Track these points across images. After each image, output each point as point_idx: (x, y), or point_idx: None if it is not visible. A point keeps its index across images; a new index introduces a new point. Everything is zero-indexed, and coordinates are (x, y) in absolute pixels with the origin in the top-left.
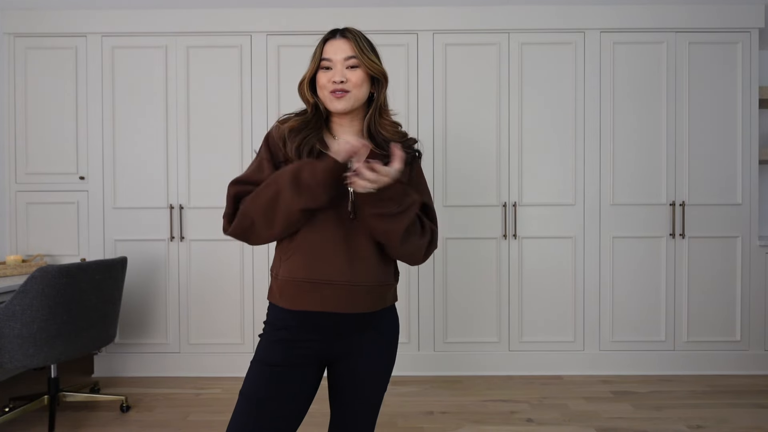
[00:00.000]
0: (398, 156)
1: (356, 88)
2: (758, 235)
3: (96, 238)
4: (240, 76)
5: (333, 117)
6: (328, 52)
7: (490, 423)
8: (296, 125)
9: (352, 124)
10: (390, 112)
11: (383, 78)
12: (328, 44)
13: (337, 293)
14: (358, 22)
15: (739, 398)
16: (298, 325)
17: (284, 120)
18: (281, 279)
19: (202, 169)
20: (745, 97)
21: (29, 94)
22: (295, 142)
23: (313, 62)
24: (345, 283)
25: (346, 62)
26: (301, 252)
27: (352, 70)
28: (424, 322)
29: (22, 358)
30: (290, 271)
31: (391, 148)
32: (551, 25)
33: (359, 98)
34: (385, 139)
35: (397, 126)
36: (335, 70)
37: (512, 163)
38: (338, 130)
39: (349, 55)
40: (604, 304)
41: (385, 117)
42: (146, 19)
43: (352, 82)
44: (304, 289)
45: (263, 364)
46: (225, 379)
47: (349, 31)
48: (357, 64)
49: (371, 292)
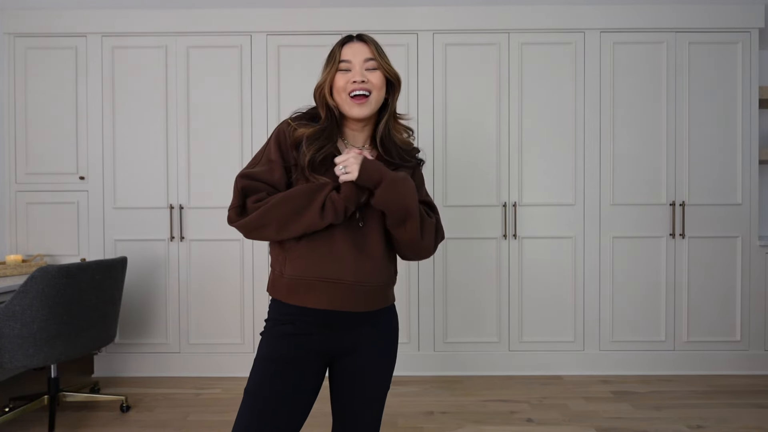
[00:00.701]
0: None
1: (377, 89)
2: (758, 235)
3: (96, 238)
4: (240, 76)
5: (346, 122)
6: (347, 54)
7: (490, 423)
8: (313, 134)
9: (363, 130)
10: (402, 117)
11: (398, 82)
12: (346, 47)
13: (347, 292)
14: (358, 22)
15: (739, 398)
16: (303, 319)
17: (296, 119)
18: (288, 277)
19: (202, 169)
20: (745, 97)
21: (29, 94)
22: (311, 151)
23: (330, 66)
24: (354, 282)
25: (365, 64)
26: (311, 251)
27: (371, 72)
28: (424, 322)
29: (22, 358)
30: (300, 269)
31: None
32: (551, 25)
33: (378, 101)
34: (395, 144)
35: (410, 131)
36: (354, 71)
37: (512, 163)
38: (350, 135)
39: (368, 57)
40: (604, 304)
41: (398, 122)
42: (146, 19)
43: (373, 83)
44: (314, 287)
45: (267, 360)
46: (225, 379)
47: (365, 35)
48: (376, 66)
49: (376, 291)
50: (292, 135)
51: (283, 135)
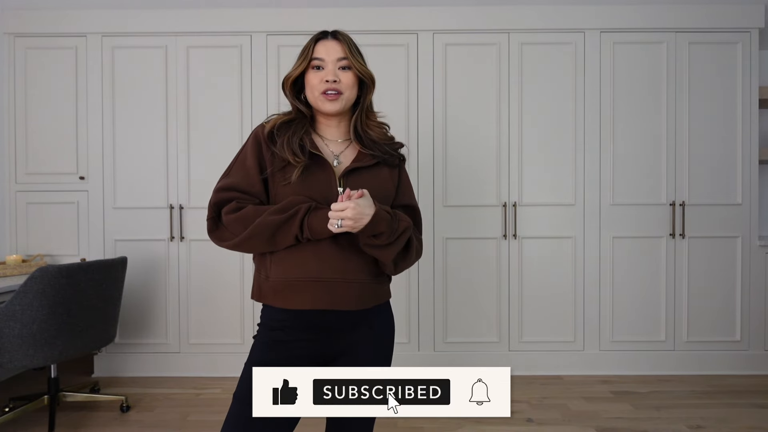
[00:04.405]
0: (348, 197)
1: (348, 89)
2: (758, 235)
3: (96, 238)
4: (240, 76)
5: (320, 118)
6: (320, 51)
7: (490, 423)
8: (284, 120)
9: (339, 126)
10: (376, 114)
11: (371, 81)
12: (319, 44)
13: (331, 290)
14: (358, 22)
15: (739, 398)
16: (294, 324)
17: (269, 120)
18: (273, 279)
19: (202, 169)
20: (745, 97)
21: (29, 95)
22: (284, 137)
23: (302, 60)
24: (339, 279)
25: (338, 63)
26: (295, 252)
27: (343, 71)
28: (424, 322)
29: (22, 358)
30: (283, 271)
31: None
32: (551, 25)
33: (350, 99)
34: (372, 139)
35: (384, 127)
36: (327, 70)
37: (512, 162)
38: (326, 131)
39: (341, 57)
40: (604, 304)
41: (371, 118)
42: (146, 19)
43: (345, 83)
44: (299, 288)
45: (257, 365)
46: (225, 379)
47: (339, 33)
48: (348, 65)
49: (364, 288)
50: (266, 129)
51: (260, 133)
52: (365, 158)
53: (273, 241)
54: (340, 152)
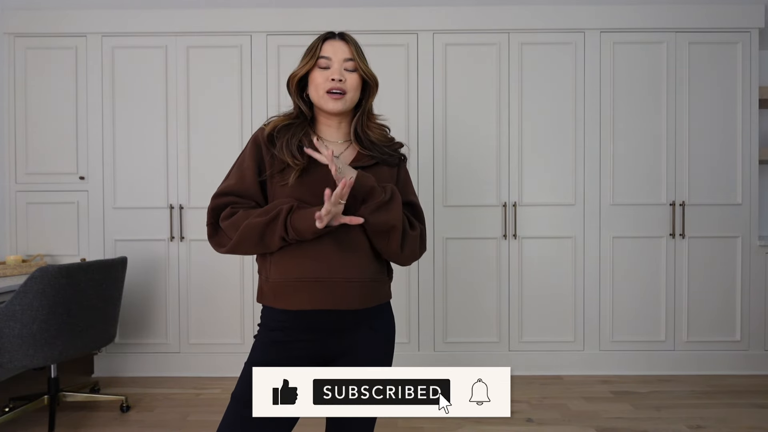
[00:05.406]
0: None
1: (353, 90)
2: (758, 235)
3: (96, 238)
4: (240, 76)
5: (321, 118)
6: (327, 51)
7: (490, 423)
8: (284, 121)
9: (339, 127)
10: (377, 117)
11: (375, 85)
12: (327, 43)
13: (331, 290)
14: (358, 22)
15: (739, 398)
16: (293, 325)
17: (269, 122)
18: (273, 280)
19: (202, 169)
20: (745, 97)
21: (29, 95)
22: (283, 139)
23: (309, 59)
24: (338, 279)
25: (344, 63)
26: (294, 252)
27: (349, 72)
28: (424, 322)
29: (22, 358)
30: (283, 271)
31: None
32: (551, 25)
33: (353, 101)
34: (371, 140)
35: (384, 129)
36: (333, 69)
37: (512, 162)
38: (326, 132)
39: (348, 58)
40: (604, 304)
41: (372, 120)
42: (146, 19)
43: (350, 84)
44: (298, 288)
45: (257, 365)
46: (225, 379)
47: (346, 35)
48: (354, 67)
49: (364, 288)
50: (266, 132)
51: (259, 136)
52: (364, 159)
53: (263, 244)
54: (340, 153)
